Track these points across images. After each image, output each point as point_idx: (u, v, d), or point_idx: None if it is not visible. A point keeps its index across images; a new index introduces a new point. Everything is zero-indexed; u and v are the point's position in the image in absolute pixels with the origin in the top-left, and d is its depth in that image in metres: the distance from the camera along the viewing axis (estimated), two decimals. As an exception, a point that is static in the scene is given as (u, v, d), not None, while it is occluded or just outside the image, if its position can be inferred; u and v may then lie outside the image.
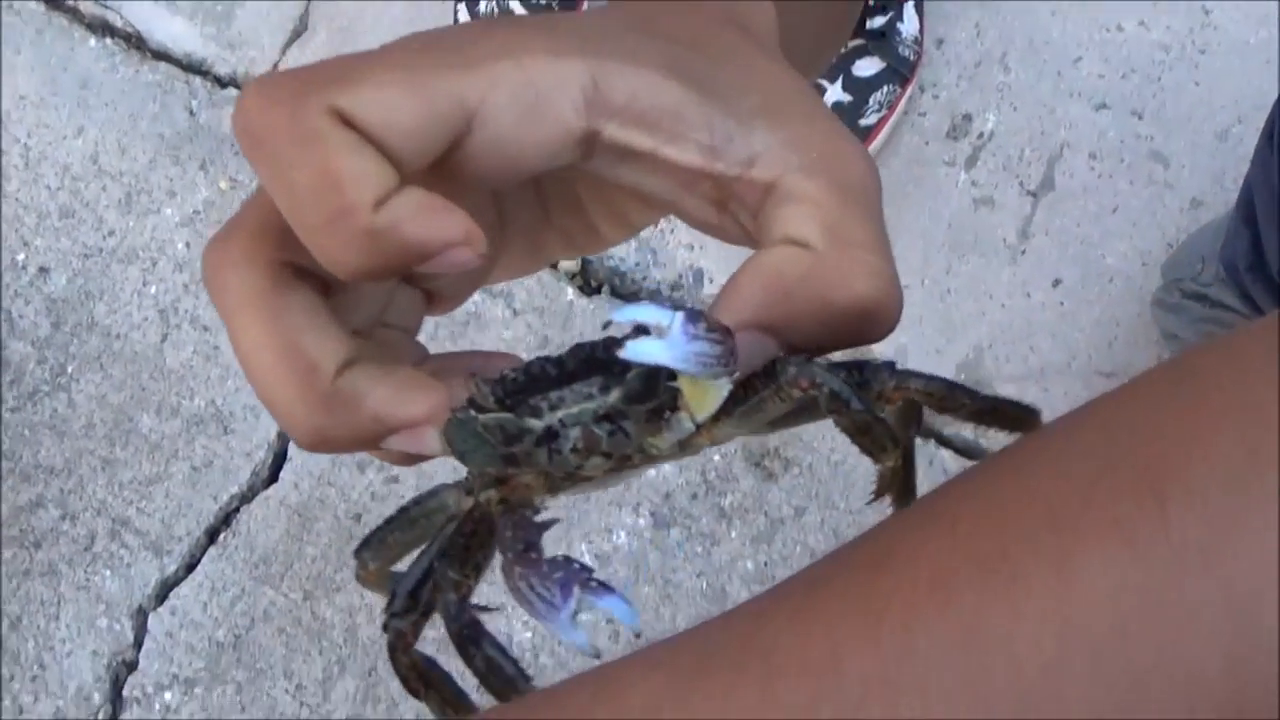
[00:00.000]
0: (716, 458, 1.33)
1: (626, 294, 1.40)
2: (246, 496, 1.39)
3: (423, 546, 0.41)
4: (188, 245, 1.44)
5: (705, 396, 0.37)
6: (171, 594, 1.37)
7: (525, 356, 0.39)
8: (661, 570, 1.31)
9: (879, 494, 0.40)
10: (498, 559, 0.36)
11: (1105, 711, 0.26)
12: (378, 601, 0.41)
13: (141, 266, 1.44)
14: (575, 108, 0.36)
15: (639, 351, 0.33)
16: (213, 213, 1.44)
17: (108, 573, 1.38)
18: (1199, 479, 0.27)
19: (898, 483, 0.40)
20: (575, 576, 0.33)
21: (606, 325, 0.35)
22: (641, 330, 0.34)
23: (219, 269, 0.37)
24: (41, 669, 1.36)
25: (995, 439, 0.41)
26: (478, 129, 0.35)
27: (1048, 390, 1.30)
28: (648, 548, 1.32)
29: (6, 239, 1.46)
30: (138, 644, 1.36)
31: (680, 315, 0.33)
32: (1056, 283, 1.33)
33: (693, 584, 1.31)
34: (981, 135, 1.37)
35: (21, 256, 1.46)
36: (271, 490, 1.38)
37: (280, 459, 1.39)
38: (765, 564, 1.31)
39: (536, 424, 0.37)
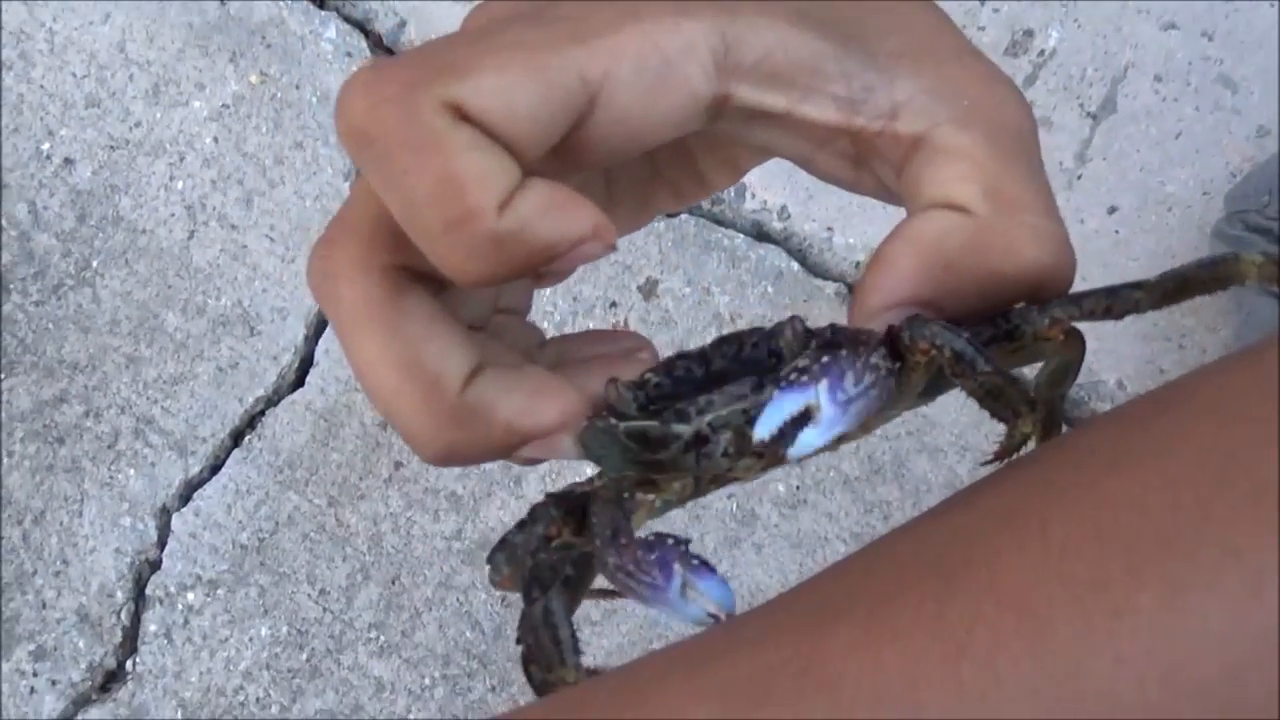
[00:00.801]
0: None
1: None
2: (272, 400, 1.37)
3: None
4: (216, 140, 1.40)
5: None
6: (195, 495, 1.35)
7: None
8: (690, 511, 1.29)
9: (1000, 456, 0.36)
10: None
11: None
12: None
13: (169, 160, 1.41)
14: (705, 73, 0.33)
15: (806, 448, 0.31)
16: (242, 107, 1.40)
17: (131, 471, 1.36)
18: None
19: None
20: (672, 553, 0.31)
21: (759, 443, 0.32)
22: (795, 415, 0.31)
23: (329, 279, 0.35)
24: (64, 564, 1.35)
25: (1037, 368, 0.37)
26: (601, 107, 0.32)
27: (1097, 322, 1.26)
28: (679, 513, 1.29)
29: (31, 127, 1.43)
30: (161, 544, 1.35)
31: (823, 390, 0.30)
32: (1112, 210, 1.28)
33: (722, 505, 1.29)
34: (1042, 53, 1.31)
35: (46, 146, 1.43)
36: (298, 394, 1.36)
37: (307, 363, 1.37)
38: (797, 487, 1.29)
39: (684, 429, 0.34)
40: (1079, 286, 1.24)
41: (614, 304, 1.33)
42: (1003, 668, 0.25)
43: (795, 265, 1.33)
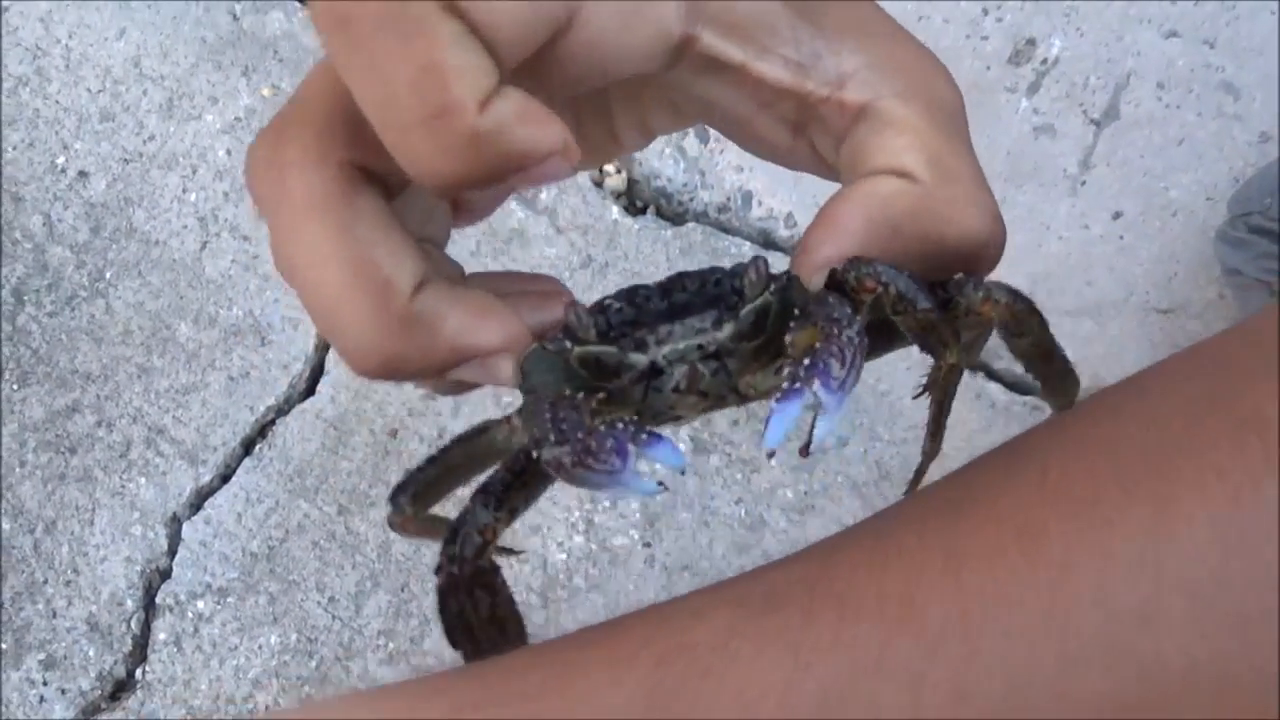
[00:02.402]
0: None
1: (672, 215, 1.37)
2: (283, 409, 1.38)
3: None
4: (229, 153, 1.42)
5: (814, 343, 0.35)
6: (206, 503, 1.36)
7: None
8: (700, 496, 1.29)
9: (930, 387, 0.38)
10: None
11: (1203, 660, 0.25)
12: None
13: (181, 173, 1.42)
14: (677, 13, 0.34)
15: (824, 438, 0.32)
16: (254, 120, 1.42)
17: (143, 480, 1.37)
18: None
19: (936, 404, 0.39)
20: (624, 435, 0.31)
21: (771, 456, 0.32)
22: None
23: (277, 170, 0.33)
24: (75, 574, 1.36)
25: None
26: (578, 27, 0.32)
27: (1103, 326, 1.27)
28: (687, 473, 1.30)
29: (47, 141, 1.45)
30: (171, 552, 1.35)
31: (819, 389, 0.31)
32: (1117, 215, 1.29)
33: (731, 511, 1.29)
34: (1045, 61, 1.32)
35: (61, 160, 1.45)
36: (308, 403, 1.37)
37: (317, 372, 1.38)
38: (805, 493, 1.29)
39: (640, 359, 0.35)
40: (1087, 292, 1.24)
41: (622, 311, 1.33)
42: (1000, 572, 0.27)
43: (802, 273, 1.33)
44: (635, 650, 0.28)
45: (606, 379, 0.35)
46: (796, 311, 0.34)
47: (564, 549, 1.29)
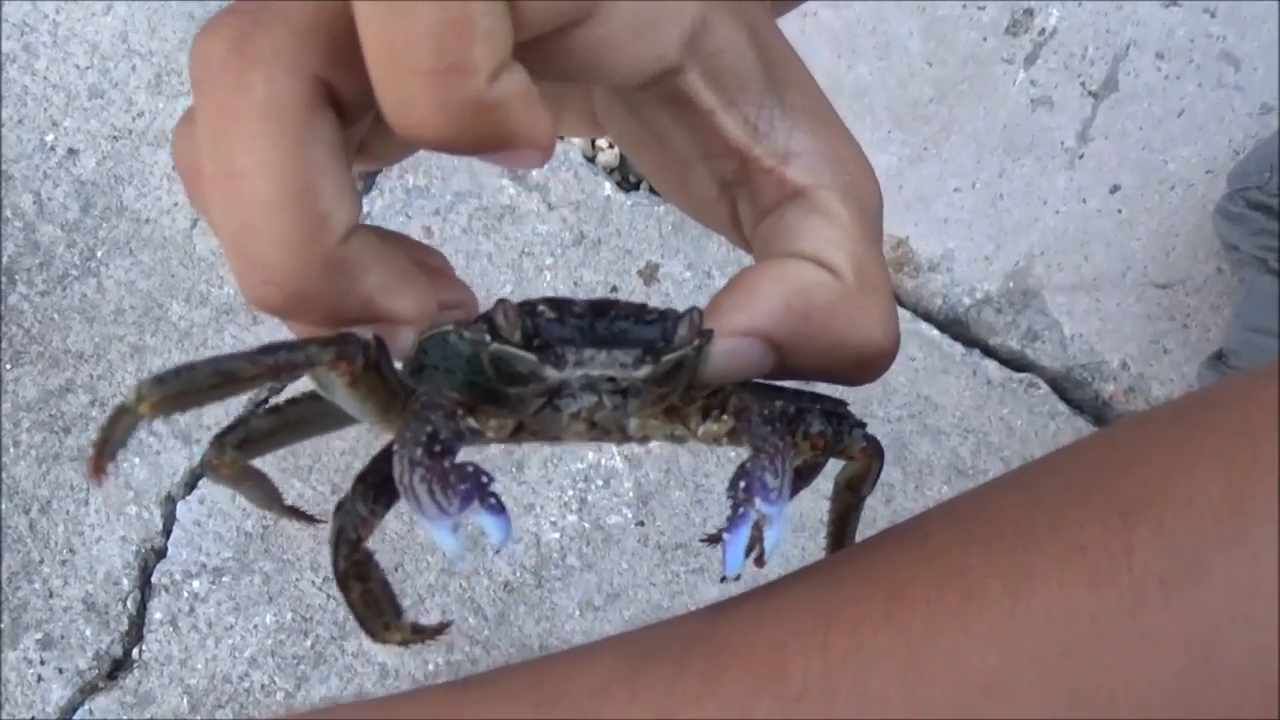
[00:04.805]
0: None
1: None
2: (276, 388, 1.37)
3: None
4: (218, 130, 1.41)
5: (720, 435, 0.36)
6: (200, 483, 1.36)
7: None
8: (693, 475, 1.29)
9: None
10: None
11: None
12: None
13: (171, 150, 1.41)
14: (680, 40, 0.33)
15: (773, 548, 0.32)
16: (244, 97, 1.41)
17: (137, 460, 1.37)
18: (1171, 512, 0.27)
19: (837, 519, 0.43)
20: (478, 490, 0.30)
21: (726, 579, 0.33)
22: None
23: (239, 60, 0.29)
24: (71, 553, 1.36)
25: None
26: (593, 25, 0.31)
27: (1099, 301, 1.26)
28: (680, 450, 1.29)
29: (35, 119, 1.44)
30: (166, 532, 1.35)
31: (760, 505, 0.31)
32: (1114, 189, 1.27)
33: (724, 489, 1.29)
34: (1043, 31, 1.30)
35: (51, 137, 1.44)
36: (300, 382, 1.36)
37: (310, 350, 1.37)
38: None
39: (554, 375, 0.34)
40: (1084, 267, 1.23)
41: (614, 288, 1.33)
42: (864, 636, 0.28)
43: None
44: (522, 690, 0.29)
45: (508, 383, 0.34)
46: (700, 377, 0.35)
47: (557, 528, 1.29)
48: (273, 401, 0.38)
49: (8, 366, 1.39)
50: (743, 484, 0.32)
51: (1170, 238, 1.26)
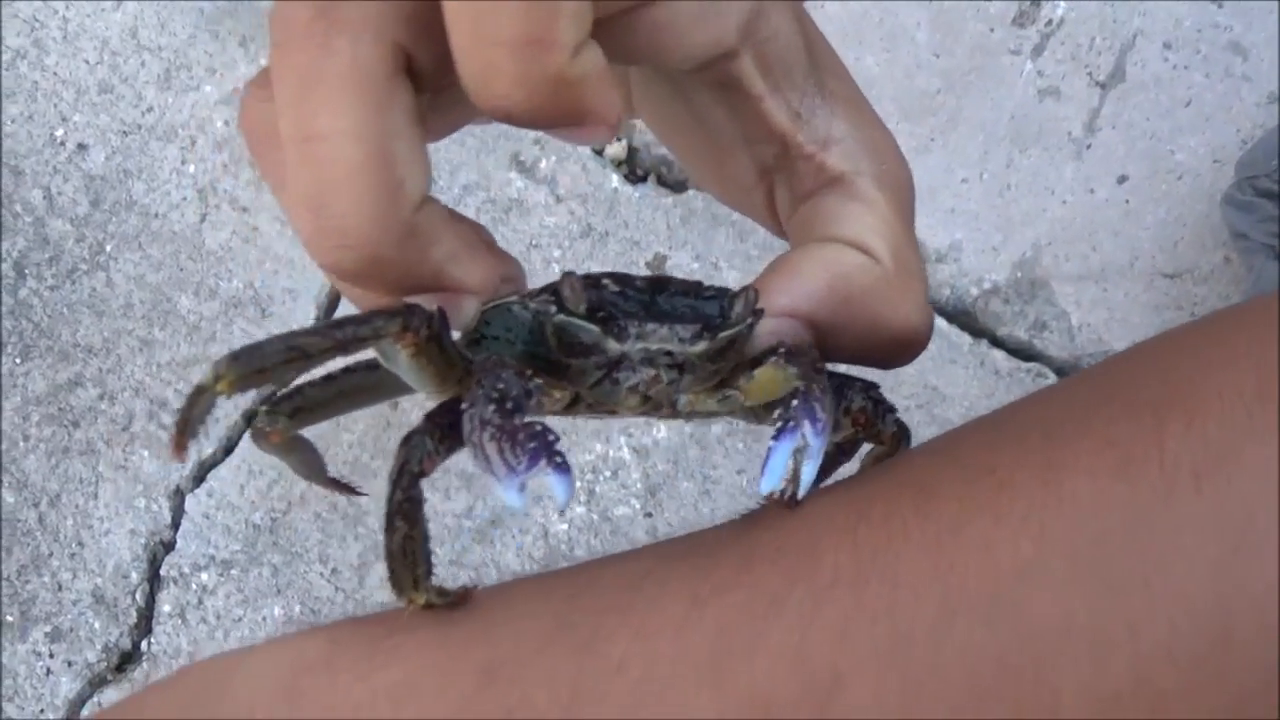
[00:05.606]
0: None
1: (673, 183, 1.36)
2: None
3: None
4: (227, 123, 1.41)
5: (769, 389, 0.36)
6: (209, 476, 1.36)
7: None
8: (701, 465, 1.29)
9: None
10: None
11: (1080, 617, 0.26)
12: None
13: (180, 145, 1.42)
14: (738, 25, 0.34)
15: (808, 483, 0.32)
16: (252, 91, 1.41)
17: (145, 453, 1.37)
18: (1202, 406, 0.28)
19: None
20: (545, 448, 0.30)
21: (768, 496, 0.33)
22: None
23: (323, 25, 0.29)
24: (80, 546, 1.36)
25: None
26: (658, 7, 0.32)
27: (1107, 291, 1.26)
28: (688, 442, 1.29)
29: (45, 114, 1.44)
30: (175, 524, 1.36)
31: (807, 431, 0.32)
32: (1122, 179, 1.27)
33: (732, 480, 1.29)
34: (1050, 22, 1.30)
35: (60, 132, 1.44)
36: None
37: (318, 343, 1.37)
38: (808, 462, 1.29)
39: (616, 347, 0.35)
40: (1092, 257, 1.23)
41: (622, 280, 1.33)
42: (895, 527, 0.28)
43: (804, 240, 1.32)
44: (556, 584, 0.30)
45: (569, 354, 0.35)
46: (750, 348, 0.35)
47: (565, 519, 1.29)
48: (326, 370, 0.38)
49: (17, 360, 1.40)
50: (795, 402, 0.32)
51: (1178, 227, 1.26)
